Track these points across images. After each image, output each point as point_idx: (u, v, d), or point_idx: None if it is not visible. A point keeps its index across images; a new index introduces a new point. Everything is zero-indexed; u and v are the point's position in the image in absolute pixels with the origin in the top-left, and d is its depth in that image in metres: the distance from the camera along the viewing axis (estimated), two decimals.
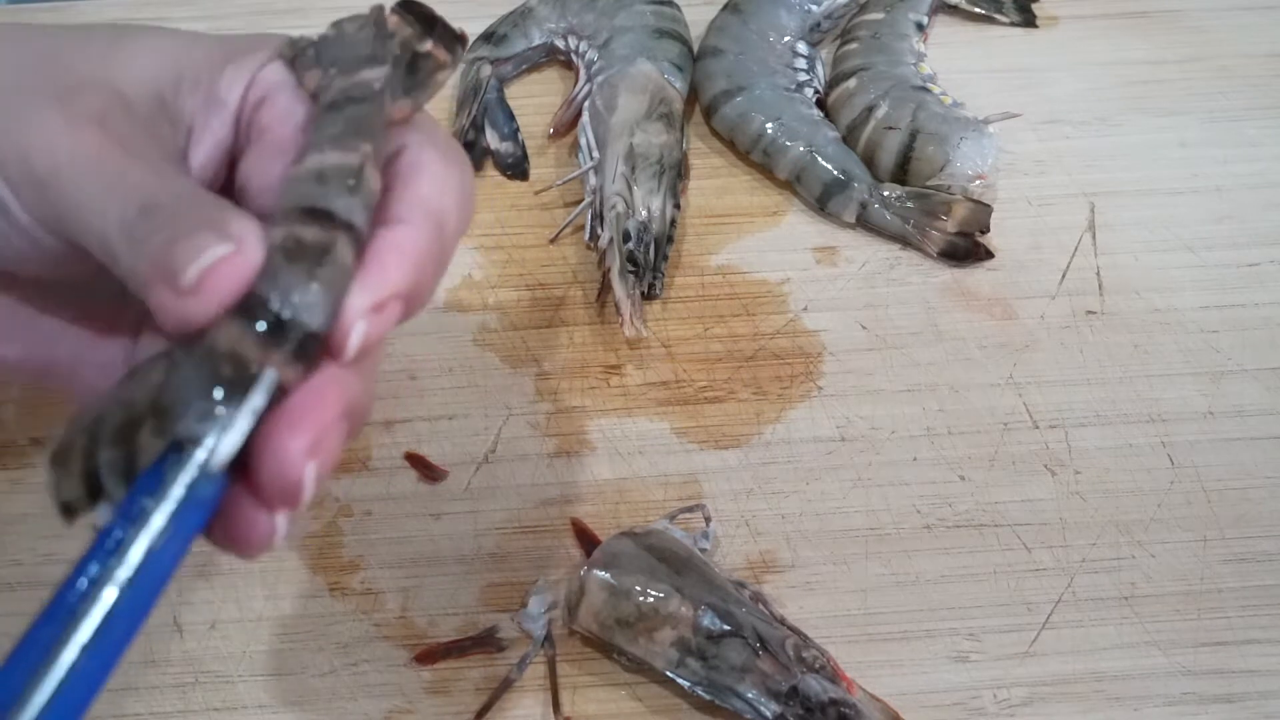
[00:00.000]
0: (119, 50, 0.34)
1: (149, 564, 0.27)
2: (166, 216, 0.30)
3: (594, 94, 0.60)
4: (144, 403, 0.28)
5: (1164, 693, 0.46)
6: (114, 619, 0.27)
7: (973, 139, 0.58)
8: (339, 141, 0.31)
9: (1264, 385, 0.53)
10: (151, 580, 0.28)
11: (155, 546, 0.28)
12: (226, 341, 0.28)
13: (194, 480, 0.28)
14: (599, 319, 0.55)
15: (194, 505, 0.28)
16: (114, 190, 0.31)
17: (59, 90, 0.32)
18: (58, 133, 0.31)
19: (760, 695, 0.43)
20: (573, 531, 0.49)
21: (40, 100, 0.32)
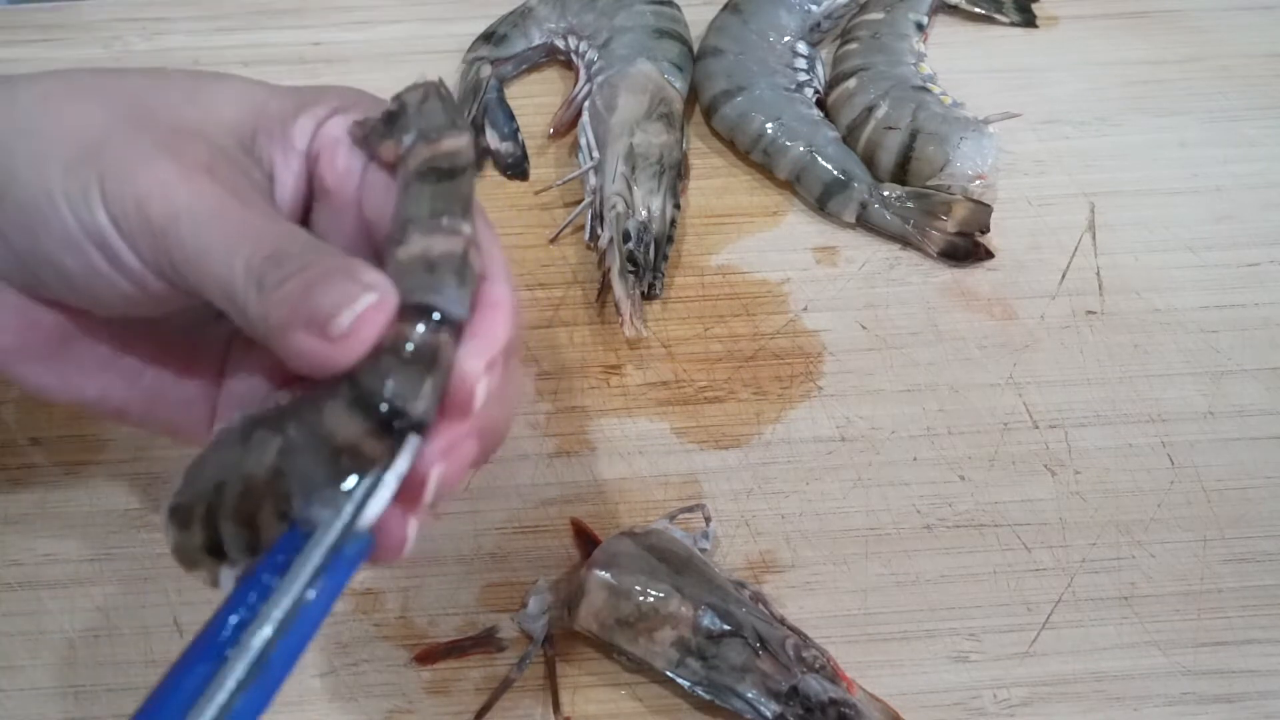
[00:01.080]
0: (200, 97, 0.35)
1: (302, 611, 0.29)
2: (296, 264, 0.31)
3: (594, 94, 0.60)
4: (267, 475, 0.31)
5: (1164, 693, 0.46)
6: (267, 662, 0.28)
7: (973, 139, 0.58)
8: (440, 223, 0.32)
9: (1264, 385, 0.53)
10: (304, 625, 0.29)
11: (306, 596, 0.29)
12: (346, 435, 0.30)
13: (341, 538, 0.30)
14: (599, 319, 0.55)
15: (344, 559, 0.30)
16: (238, 238, 0.32)
17: (162, 139, 0.34)
18: (173, 182, 0.33)
19: (760, 695, 0.43)
20: (573, 531, 0.49)
21: (146, 149, 0.33)
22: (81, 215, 0.33)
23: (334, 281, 0.30)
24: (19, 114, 0.35)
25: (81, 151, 0.33)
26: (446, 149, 0.33)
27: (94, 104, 0.35)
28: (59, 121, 0.34)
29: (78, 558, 0.48)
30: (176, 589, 0.47)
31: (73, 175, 0.33)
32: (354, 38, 0.65)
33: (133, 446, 0.51)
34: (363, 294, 0.30)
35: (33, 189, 0.33)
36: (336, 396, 0.30)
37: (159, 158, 0.33)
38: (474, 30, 0.64)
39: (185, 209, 0.32)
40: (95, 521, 0.49)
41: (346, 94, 0.37)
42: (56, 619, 0.47)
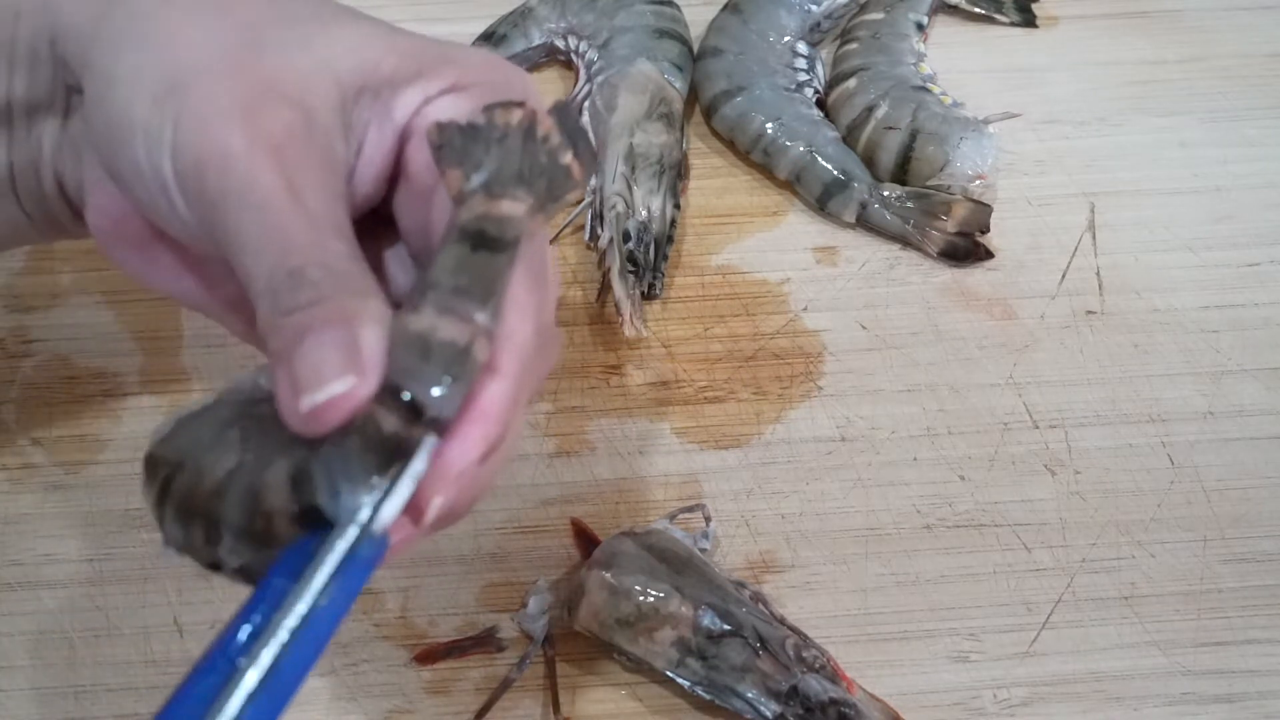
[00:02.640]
0: (317, 41, 0.34)
1: (315, 618, 0.28)
2: (309, 295, 0.30)
3: (594, 94, 0.60)
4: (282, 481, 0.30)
5: (1164, 693, 0.46)
6: (279, 671, 0.28)
7: (973, 139, 0.58)
8: (455, 304, 0.30)
9: (1264, 385, 0.53)
10: (318, 632, 0.28)
11: (320, 604, 0.28)
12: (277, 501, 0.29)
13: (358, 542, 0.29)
14: (599, 319, 0.55)
15: (358, 563, 0.29)
16: (271, 240, 0.31)
17: (245, 96, 0.32)
18: (236, 154, 0.31)
19: (760, 695, 0.43)
20: (573, 531, 0.49)
21: (226, 102, 0.32)
22: (154, 157, 0.32)
23: (326, 339, 0.29)
24: (134, 21, 0.34)
25: (172, 84, 0.32)
26: (500, 213, 0.31)
27: (207, 25, 0.33)
28: (167, 39, 0.33)
29: (78, 558, 0.48)
30: (176, 589, 0.47)
31: (155, 111, 0.32)
32: None
33: (133, 446, 0.51)
34: (339, 377, 0.29)
35: (119, 111, 0.33)
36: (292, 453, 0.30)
37: (233, 122, 0.32)
38: (474, 30, 0.64)
39: (235, 190, 0.31)
40: (95, 521, 0.49)
41: (470, 67, 0.34)
42: (56, 619, 0.47)
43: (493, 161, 0.31)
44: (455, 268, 0.30)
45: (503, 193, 0.31)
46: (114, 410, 0.52)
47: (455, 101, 0.34)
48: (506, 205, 0.31)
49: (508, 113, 0.32)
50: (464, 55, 0.35)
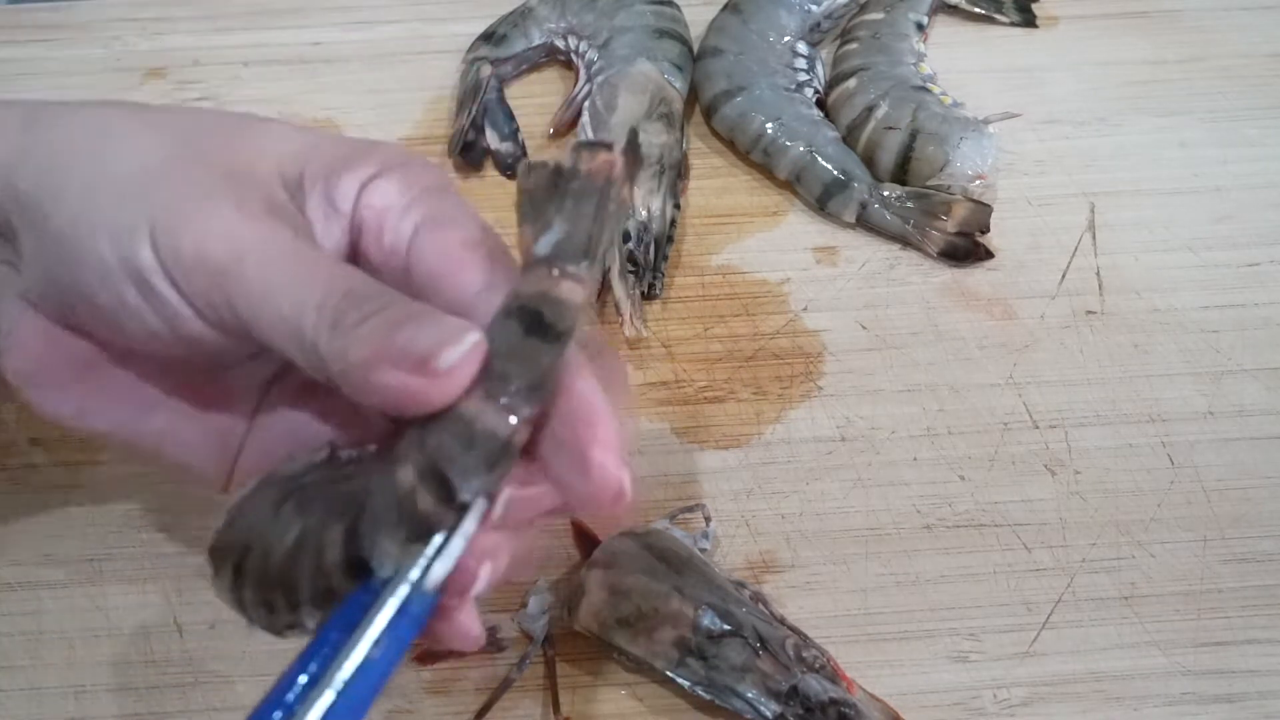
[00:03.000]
0: (248, 138, 0.35)
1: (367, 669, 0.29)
2: (376, 304, 0.31)
3: (594, 94, 0.60)
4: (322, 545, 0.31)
5: (1164, 693, 0.46)
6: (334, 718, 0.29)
7: (973, 139, 0.58)
8: (501, 392, 0.30)
9: (1264, 385, 0.53)
10: (369, 683, 0.29)
11: (372, 656, 0.29)
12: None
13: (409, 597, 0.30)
14: (599, 319, 0.55)
15: (409, 618, 0.30)
16: (309, 278, 0.32)
17: (219, 179, 0.33)
18: (236, 223, 0.32)
19: (760, 695, 0.43)
20: (573, 531, 0.49)
21: (205, 188, 0.33)
22: (123, 251, 0.33)
23: (424, 321, 0.30)
24: (78, 137, 0.34)
25: (135, 184, 0.33)
26: (560, 296, 0.31)
27: (152, 137, 0.34)
28: (118, 151, 0.34)
29: (78, 558, 0.48)
30: (176, 589, 0.47)
31: (122, 209, 0.33)
32: (354, 38, 0.65)
33: None
34: (465, 333, 0.30)
35: (77, 218, 0.33)
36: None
37: (218, 198, 0.33)
38: (474, 30, 0.64)
39: (252, 249, 0.32)
40: (95, 521, 0.49)
41: (392, 154, 0.36)
42: (56, 619, 0.47)
43: (564, 223, 0.31)
44: (508, 352, 0.30)
45: (565, 270, 0.31)
46: None
47: (388, 183, 0.35)
48: (567, 288, 0.31)
49: (594, 156, 0.32)
50: (378, 146, 0.36)
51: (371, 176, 0.35)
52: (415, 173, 0.35)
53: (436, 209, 0.35)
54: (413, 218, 0.35)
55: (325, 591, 0.31)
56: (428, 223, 0.35)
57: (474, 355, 0.30)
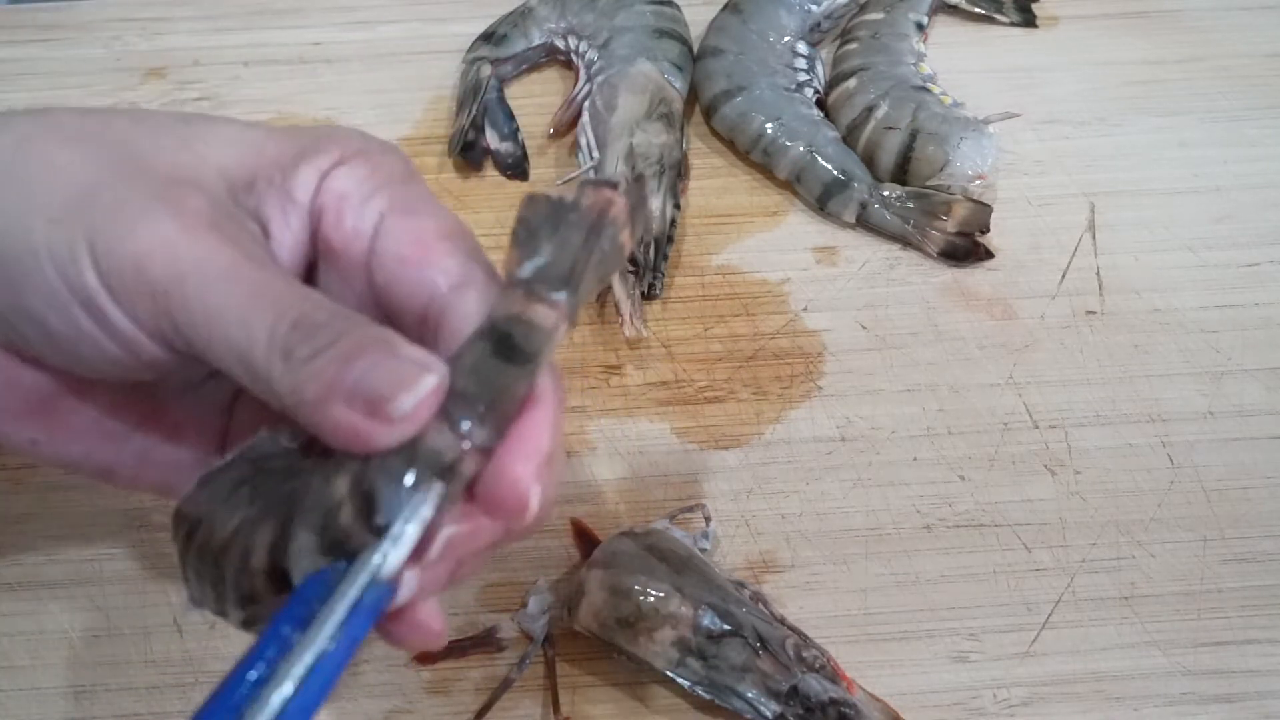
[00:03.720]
0: (193, 142, 0.33)
1: (321, 664, 0.28)
2: (328, 335, 0.29)
3: (594, 94, 0.60)
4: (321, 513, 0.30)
5: (1164, 693, 0.46)
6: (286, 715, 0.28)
7: (973, 139, 0.58)
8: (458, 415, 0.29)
9: (1264, 385, 0.53)
10: (323, 678, 0.29)
11: (326, 649, 0.28)
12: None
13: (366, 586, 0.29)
14: (599, 319, 0.55)
15: (364, 610, 0.29)
16: (255, 302, 0.30)
17: (157, 191, 0.31)
18: (176, 239, 0.30)
19: (760, 695, 0.43)
20: (573, 531, 0.49)
21: (142, 202, 0.31)
22: (68, 274, 0.31)
23: (377, 357, 0.29)
24: (2, 162, 0.32)
25: (67, 204, 0.31)
26: (531, 318, 0.30)
27: (78, 150, 0.32)
28: (42, 169, 0.32)
29: (78, 558, 0.48)
30: (176, 589, 0.47)
31: (58, 231, 0.31)
32: (354, 38, 0.65)
33: None
34: (422, 376, 0.29)
35: (14, 244, 0.31)
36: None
37: (157, 212, 0.31)
38: (474, 30, 0.64)
39: (192, 269, 0.30)
40: (95, 521, 0.49)
41: (349, 141, 0.34)
42: (56, 619, 0.47)
43: (550, 251, 0.31)
44: (470, 369, 0.30)
45: (542, 294, 0.30)
46: None
47: (350, 170, 0.33)
48: (541, 312, 0.30)
49: (598, 193, 0.32)
50: (338, 132, 0.35)
51: (333, 165, 0.34)
52: (379, 160, 0.34)
53: (406, 195, 0.34)
54: (378, 203, 0.33)
55: (248, 595, 0.31)
56: (396, 209, 0.33)
57: (431, 400, 0.29)
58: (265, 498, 0.31)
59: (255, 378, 0.30)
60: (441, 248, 0.32)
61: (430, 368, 0.29)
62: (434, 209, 0.34)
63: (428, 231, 0.33)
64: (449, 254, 0.32)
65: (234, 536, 0.31)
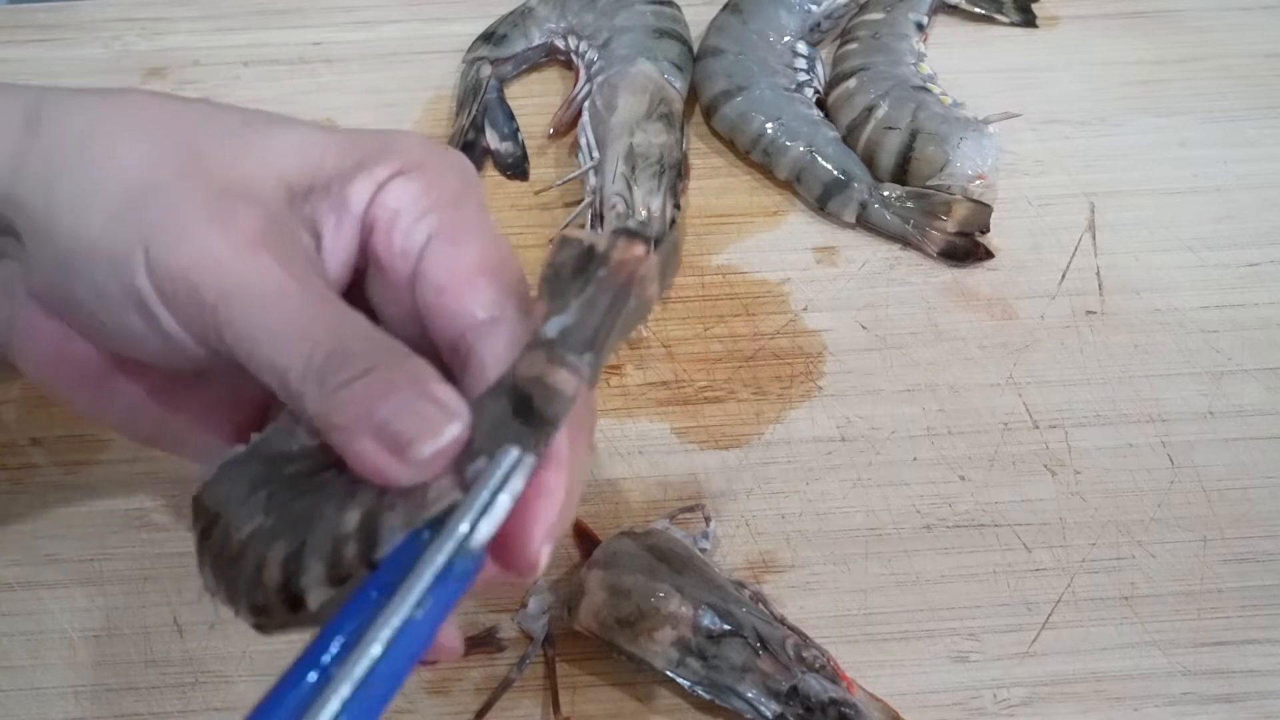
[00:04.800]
0: (255, 145, 0.33)
1: (407, 631, 0.28)
2: (362, 365, 0.30)
3: (594, 94, 0.60)
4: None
5: (1164, 693, 0.46)
6: (372, 682, 0.28)
7: (973, 139, 0.58)
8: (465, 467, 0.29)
9: (1264, 385, 0.53)
10: (411, 646, 0.29)
11: (414, 616, 0.28)
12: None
13: (452, 556, 0.29)
14: None
15: (453, 577, 0.29)
16: (295, 327, 0.31)
17: (213, 200, 0.32)
18: (225, 256, 0.31)
19: (760, 695, 0.43)
20: (573, 531, 0.49)
21: (196, 211, 0.31)
22: (120, 274, 0.32)
23: (405, 395, 0.29)
24: (66, 146, 0.33)
25: (126, 203, 0.32)
26: (553, 384, 0.30)
27: (145, 142, 0.33)
28: (106, 161, 0.32)
29: (78, 558, 0.48)
30: (176, 589, 0.47)
31: (115, 230, 0.31)
32: (354, 38, 0.65)
33: (132, 447, 0.51)
34: (447, 425, 0.29)
35: (72, 237, 0.32)
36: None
37: (210, 225, 0.31)
38: (474, 30, 0.64)
39: (238, 288, 0.31)
40: (95, 521, 0.49)
41: (411, 152, 0.34)
42: (56, 619, 0.47)
43: (577, 311, 0.31)
44: (489, 427, 0.30)
45: (565, 359, 0.30)
46: None
47: (405, 185, 0.34)
48: (562, 377, 0.30)
49: (629, 250, 0.31)
50: (400, 140, 0.35)
51: (390, 177, 0.34)
52: (437, 176, 0.34)
53: (455, 220, 0.34)
54: (427, 225, 0.34)
55: (261, 607, 0.31)
56: (443, 234, 0.34)
57: (451, 448, 0.29)
58: (281, 509, 0.31)
59: (290, 396, 0.31)
60: (478, 281, 0.33)
61: (455, 416, 0.30)
62: (480, 237, 0.34)
63: (468, 263, 0.33)
64: (485, 289, 0.33)
65: (249, 544, 0.31)
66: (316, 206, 0.34)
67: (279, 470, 0.33)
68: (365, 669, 0.28)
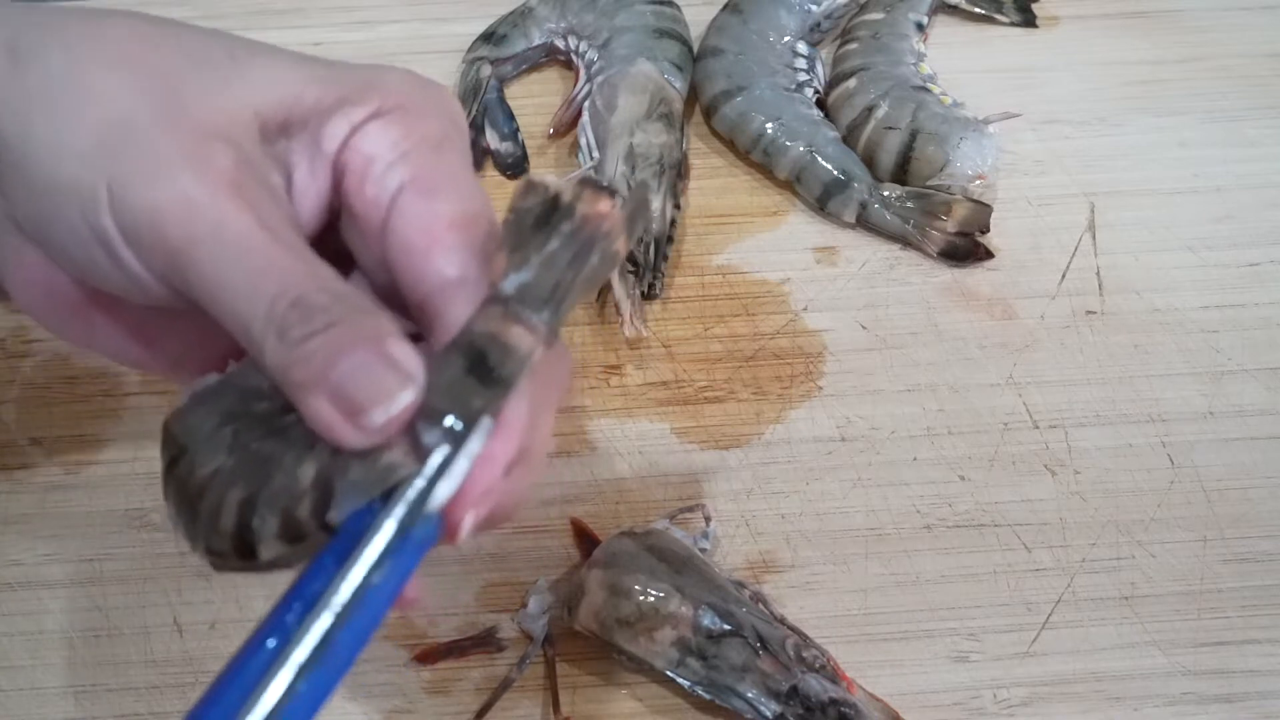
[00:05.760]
0: (235, 81, 0.33)
1: (367, 596, 0.28)
2: (323, 319, 0.30)
3: (594, 94, 0.60)
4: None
5: (1164, 693, 0.46)
6: (332, 647, 0.28)
7: (973, 139, 0.58)
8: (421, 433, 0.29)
9: (1264, 385, 0.53)
10: (370, 611, 0.29)
11: (372, 581, 0.28)
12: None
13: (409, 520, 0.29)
14: (599, 319, 0.55)
15: (411, 543, 0.29)
16: (260, 276, 0.30)
17: (187, 141, 0.31)
18: (196, 200, 0.31)
19: (760, 695, 0.43)
20: (573, 531, 0.49)
21: (168, 153, 0.31)
22: (87, 213, 0.31)
23: (362, 356, 0.29)
24: (44, 85, 0.32)
25: (97, 142, 0.31)
26: (508, 340, 0.30)
27: (119, 77, 0.32)
28: (80, 98, 0.32)
29: (78, 558, 0.48)
30: (176, 589, 0.47)
31: (85, 170, 0.31)
32: (354, 38, 0.65)
33: (132, 446, 0.51)
34: (400, 391, 0.29)
35: (44, 175, 0.32)
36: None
37: (181, 167, 0.31)
38: (474, 30, 0.64)
39: (206, 234, 0.30)
40: (95, 521, 0.49)
41: (393, 90, 0.33)
42: (56, 619, 0.47)
43: (537, 267, 0.30)
44: (444, 386, 0.30)
45: (522, 316, 0.30)
46: (114, 410, 0.52)
47: (383, 128, 0.33)
48: (517, 334, 0.30)
49: (594, 201, 0.31)
50: (384, 77, 0.34)
51: (366, 118, 0.33)
52: (417, 118, 0.33)
53: (428, 170, 0.33)
54: (400, 173, 0.33)
55: (216, 551, 0.31)
56: (415, 185, 0.33)
57: (404, 414, 0.29)
58: (243, 451, 0.31)
59: (250, 345, 0.31)
60: (448, 239, 0.32)
61: (410, 381, 0.29)
62: (454, 187, 0.33)
63: (439, 218, 0.33)
64: (454, 247, 0.32)
65: (210, 483, 0.31)
66: (290, 145, 0.33)
67: (249, 406, 0.32)
68: (322, 636, 0.28)
